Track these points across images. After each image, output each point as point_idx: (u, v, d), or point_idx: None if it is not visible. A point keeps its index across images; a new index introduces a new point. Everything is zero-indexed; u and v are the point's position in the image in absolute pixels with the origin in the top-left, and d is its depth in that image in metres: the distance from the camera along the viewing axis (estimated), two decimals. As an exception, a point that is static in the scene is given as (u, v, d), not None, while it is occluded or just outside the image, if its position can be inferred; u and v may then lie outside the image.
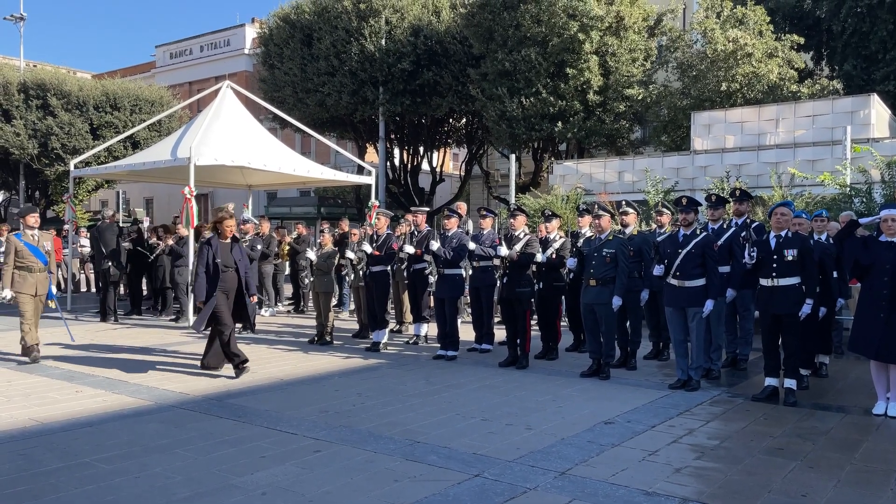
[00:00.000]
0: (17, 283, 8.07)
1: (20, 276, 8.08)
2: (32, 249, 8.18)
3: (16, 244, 8.14)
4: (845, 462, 4.66)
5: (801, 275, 6.38)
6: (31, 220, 8.35)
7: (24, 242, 8.18)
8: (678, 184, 14.01)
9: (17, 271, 8.08)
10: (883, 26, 17.27)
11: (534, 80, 19.08)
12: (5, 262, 8.18)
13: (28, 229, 8.30)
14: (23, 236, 8.22)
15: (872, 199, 10.54)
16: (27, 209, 8.57)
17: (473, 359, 8.63)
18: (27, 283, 8.11)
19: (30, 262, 8.14)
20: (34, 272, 8.16)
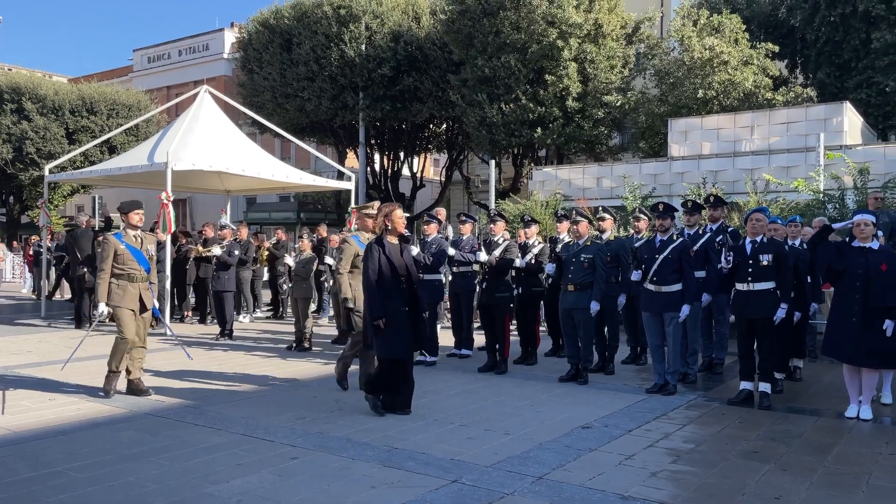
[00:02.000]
0: (116, 295, 6.57)
1: (119, 288, 6.57)
2: (135, 254, 6.69)
3: (116, 247, 6.61)
4: (818, 465, 4.72)
5: (776, 279, 6.47)
6: (134, 217, 6.80)
7: (126, 245, 6.66)
8: (656, 190, 14.14)
9: (116, 281, 6.59)
10: (855, 35, 17.59)
11: (513, 86, 19.18)
12: (101, 268, 6.65)
13: (130, 229, 6.79)
14: (124, 237, 6.71)
15: (845, 205, 10.72)
16: (131, 204, 6.88)
17: (453, 364, 8.62)
18: (128, 295, 6.59)
19: (131, 270, 6.63)
20: (136, 282, 6.66)
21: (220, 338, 10.66)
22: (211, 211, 22.38)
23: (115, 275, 6.61)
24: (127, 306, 6.59)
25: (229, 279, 11.03)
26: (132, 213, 6.83)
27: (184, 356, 8.25)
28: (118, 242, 6.66)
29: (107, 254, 6.63)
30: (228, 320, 10.82)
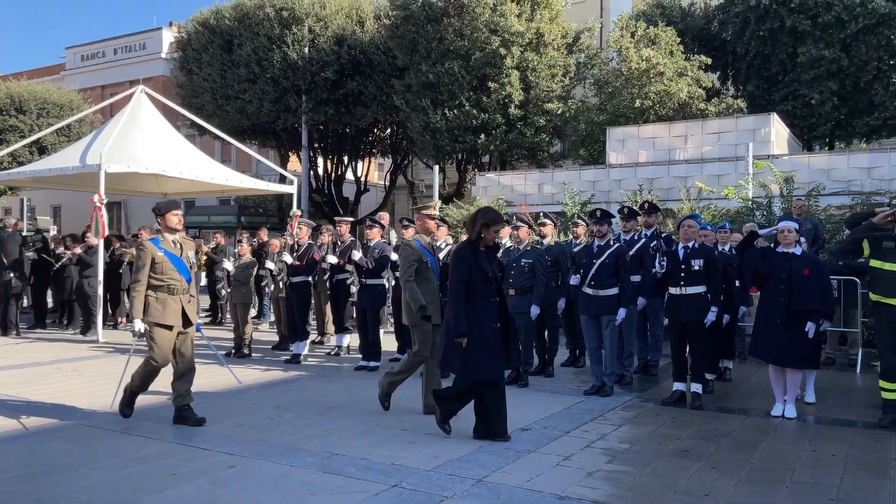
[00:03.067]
0: (154, 310, 5.68)
1: (157, 301, 5.70)
2: (175, 262, 5.81)
3: (153, 254, 5.74)
4: (745, 462, 4.92)
5: (707, 284, 6.71)
6: (172, 219, 5.90)
7: (165, 251, 5.78)
8: (594, 196, 14.46)
9: (154, 294, 5.72)
10: (783, 49, 18.40)
11: (457, 92, 19.33)
12: (136, 279, 5.76)
13: (168, 233, 5.91)
14: (162, 243, 5.81)
15: (772, 212, 11.19)
16: (168, 204, 5.98)
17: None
18: (168, 310, 5.71)
19: (171, 280, 5.75)
20: (177, 294, 5.78)
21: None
22: (147, 214, 21.78)
23: (153, 287, 5.70)
24: (167, 323, 5.68)
25: (166, 284, 10.74)
26: (170, 213, 5.89)
27: (113, 364, 7.99)
28: (156, 249, 5.75)
29: (143, 262, 5.72)
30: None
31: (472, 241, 5.44)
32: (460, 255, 5.35)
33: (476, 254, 5.33)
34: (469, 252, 5.33)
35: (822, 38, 17.67)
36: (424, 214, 6.48)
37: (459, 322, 5.19)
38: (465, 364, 5.26)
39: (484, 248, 5.40)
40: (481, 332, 5.25)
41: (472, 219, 5.50)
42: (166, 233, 5.91)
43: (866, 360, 8.59)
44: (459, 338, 5.18)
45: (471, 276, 5.26)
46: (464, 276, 5.24)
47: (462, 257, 5.32)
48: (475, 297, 5.25)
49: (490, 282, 5.33)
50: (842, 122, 18.36)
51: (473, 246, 5.39)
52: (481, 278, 5.27)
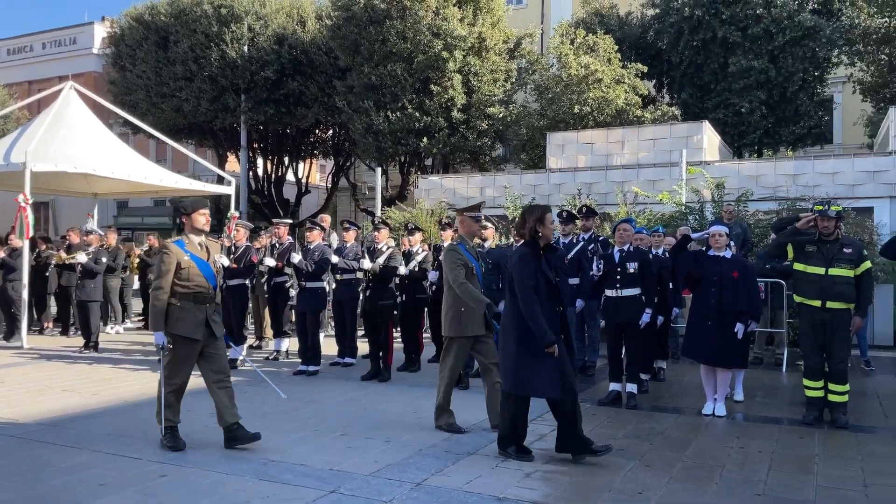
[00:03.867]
0: (178, 321, 5.09)
1: (181, 311, 5.11)
2: (202, 267, 5.23)
3: (179, 258, 5.15)
4: (677, 460, 5.06)
5: (641, 286, 6.89)
6: (199, 219, 5.31)
7: (191, 255, 5.21)
8: (535, 200, 14.62)
9: (177, 302, 5.12)
10: (715, 59, 19.03)
11: (400, 95, 19.28)
12: (157, 286, 5.12)
13: (194, 234, 5.33)
14: (188, 245, 5.24)
15: (704, 217, 11.56)
16: (194, 203, 5.39)
17: (336, 373, 8.53)
18: (193, 321, 5.13)
19: (197, 288, 5.17)
20: (203, 303, 5.21)
21: (85, 350, 10.00)
22: (76, 215, 20.92)
23: (177, 294, 5.11)
24: (192, 336, 5.11)
25: (95, 288, 10.37)
26: (197, 213, 5.29)
27: (38, 371, 7.66)
28: (182, 253, 5.14)
29: (167, 267, 5.09)
30: (94, 332, 10.17)
31: (531, 244, 4.95)
32: (525, 261, 4.87)
33: (539, 257, 4.93)
34: (533, 256, 4.89)
35: (751, 49, 18.36)
36: (470, 216, 5.94)
37: (546, 330, 4.70)
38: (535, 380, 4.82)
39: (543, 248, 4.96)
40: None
41: (522, 219, 5.04)
42: (192, 234, 5.29)
43: (792, 360, 8.95)
44: (549, 348, 4.70)
45: (538, 282, 4.81)
46: (531, 283, 4.79)
47: (527, 262, 4.86)
48: (543, 307, 4.81)
49: (554, 289, 4.95)
50: (770, 130, 19.12)
51: (535, 248, 4.94)
52: (546, 285, 4.87)
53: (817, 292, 6.05)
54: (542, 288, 4.84)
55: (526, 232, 4.99)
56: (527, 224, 4.98)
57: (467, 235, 5.95)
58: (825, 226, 6.10)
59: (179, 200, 27.51)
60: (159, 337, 5.10)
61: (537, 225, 4.92)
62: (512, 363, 4.90)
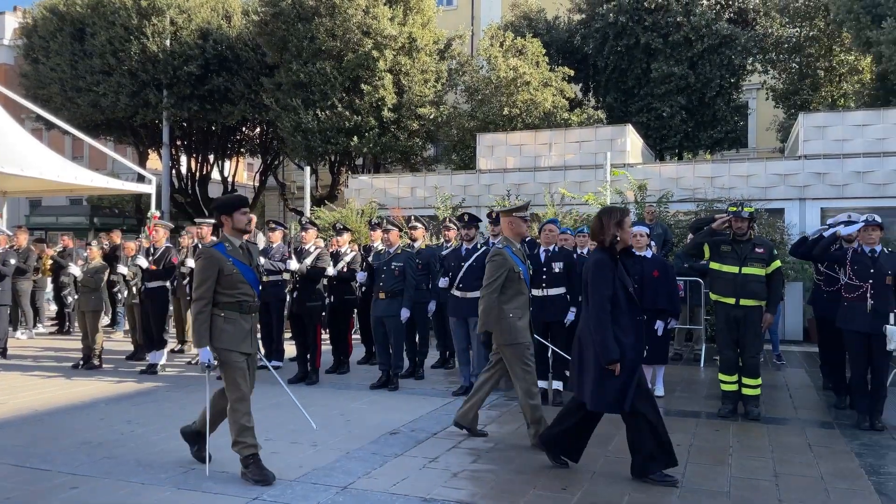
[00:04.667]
0: (224, 334, 4.54)
1: (227, 323, 4.55)
2: (246, 273, 4.66)
3: (222, 264, 4.55)
4: (600, 455, 5.17)
5: (566, 285, 7.02)
6: (241, 219, 4.69)
7: (234, 260, 4.61)
8: (465, 200, 14.73)
9: (221, 313, 4.55)
10: (638, 65, 19.62)
11: (329, 93, 19.06)
12: (200, 296, 4.53)
13: (235, 236, 4.70)
14: (229, 250, 4.62)
15: (628, 218, 11.86)
16: (232, 201, 4.76)
17: (262, 377, 8.24)
18: (240, 333, 4.60)
19: (243, 296, 4.62)
20: (249, 313, 4.69)
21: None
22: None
23: (221, 304, 4.54)
24: (241, 349, 4.59)
25: (4, 291, 9.80)
26: (238, 212, 4.66)
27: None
28: (223, 258, 4.54)
29: (207, 275, 4.51)
30: (2, 337, 9.62)
31: (607, 249, 4.62)
32: (601, 267, 4.55)
33: (617, 264, 4.62)
34: (610, 263, 4.57)
35: (672, 55, 19.02)
36: (518, 217, 5.57)
37: (609, 346, 4.40)
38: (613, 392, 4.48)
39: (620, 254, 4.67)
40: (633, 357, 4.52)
41: (599, 222, 4.67)
42: (232, 237, 4.67)
43: (709, 355, 9.31)
44: (611, 364, 4.41)
45: (615, 290, 4.51)
46: (608, 292, 4.48)
47: (603, 270, 4.54)
48: (618, 315, 4.50)
49: (633, 298, 4.64)
50: (689, 134, 19.84)
51: (612, 254, 4.61)
52: (625, 293, 4.56)
53: (732, 290, 6.30)
54: (622, 296, 4.54)
55: (605, 236, 4.62)
56: (605, 228, 4.61)
57: (514, 237, 5.61)
58: (739, 226, 6.37)
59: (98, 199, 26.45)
60: (205, 354, 4.47)
61: (616, 230, 4.58)
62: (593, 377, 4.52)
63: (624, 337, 4.47)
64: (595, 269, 4.57)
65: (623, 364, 4.43)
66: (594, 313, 4.52)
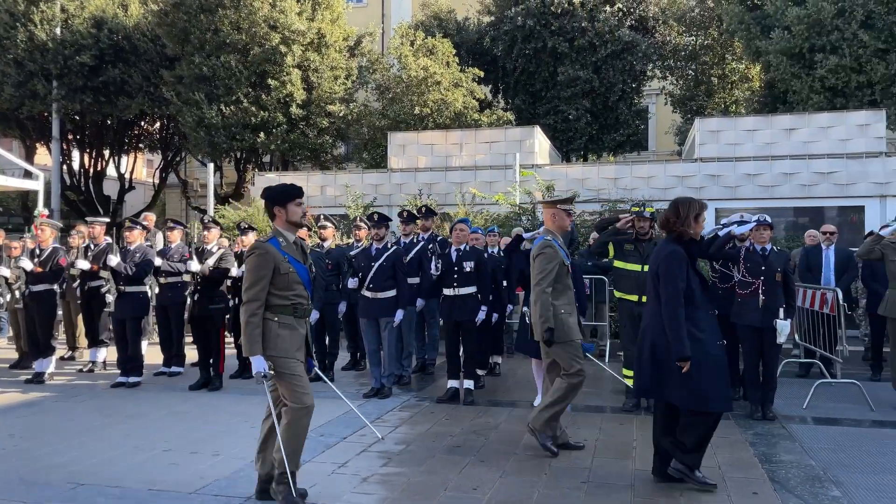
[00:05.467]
0: (280, 340, 4.08)
1: (283, 328, 4.11)
2: (301, 272, 4.23)
3: (278, 262, 4.10)
4: (510, 454, 5.20)
5: (477, 284, 7.05)
6: (296, 211, 4.24)
7: (289, 258, 4.17)
8: (377, 199, 14.61)
9: (275, 317, 4.11)
10: (545, 68, 20.04)
11: (234, 87, 18.42)
12: (253, 297, 4.05)
13: (289, 231, 4.25)
14: (283, 246, 4.17)
15: (536, 217, 12.11)
16: (290, 190, 4.24)
17: (161, 384, 7.94)
18: (297, 339, 4.17)
19: (297, 298, 4.19)
20: (303, 318, 4.26)
21: None
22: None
23: (274, 307, 4.10)
24: (294, 357, 4.12)
25: None
26: (292, 203, 4.20)
27: None
28: (279, 255, 4.10)
29: (262, 273, 4.05)
30: None
31: (682, 241, 4.47)
32: (676, 260, 4.36)
33: (693, 257, 4.47)
34: (686, 255, 4.40)
35: (577, 59, 19.54)
36: (563, 209, 5.35)
37: (684, 341, 4.24)
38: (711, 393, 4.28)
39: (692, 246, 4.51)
40: (713, 351, 4.35)
41: (677, 211, 4.47)
42: (286, 231, 4.22)
43: (613, 351, 9.59)
44: (681, 361, 4.24)
45: (689, 284, 4.36)
46: (683, 285, 4.32)
47: (679, 262, 4.35)
48: (693, 310, 4.34)
49: (709, 290, 4.52)
50: (594, 136, 20.45)
51: (687, 246, 4.46)
52: (701, 286, 4.42)
53: (635, 287, 6.50)
54: (697, 290, 4.40)
55: (685, 227, 4.45)
56: (685, 218, 4.44)
57: (558, 230, 5.39)
58: (641, 226, 6.58)
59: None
60: (259, 362, 3.97)
61: (693, 220, 4.45)
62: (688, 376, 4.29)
63: (699, 332, 4.32)
64: (669, 262, 4.36)
65: (707, 361, 4.28)
66: (668, 309, 4.32)
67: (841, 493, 4.35)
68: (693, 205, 4.51)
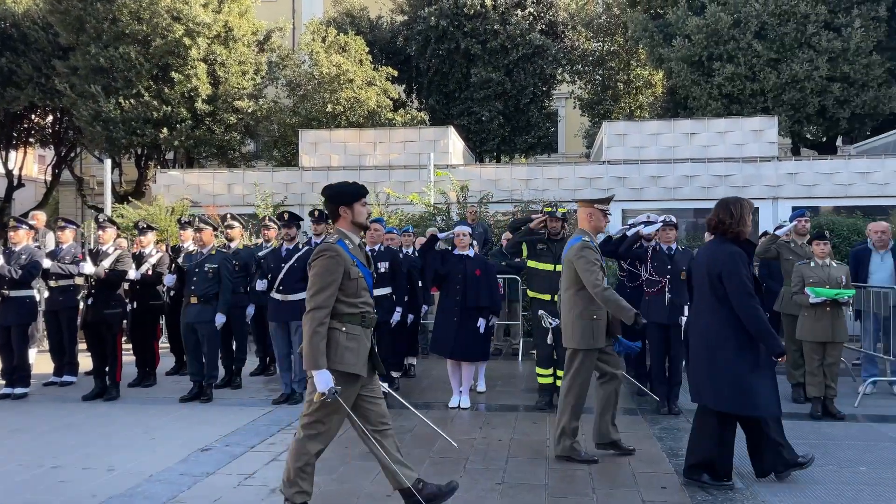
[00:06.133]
0: (345, 351, 3.72)
1: (350, 339, 3.74)
2: (367, 275, 3.93)
3: (348, 267, 3.74)
4: (425, 456, 5.12)
5: (392, 285, 6.93)
6: (362, 212, 3.92)
7: (357, 261, 3.83)
8: (288, 198, 14.23)
9: (341, 326, 3.74)
10: (458, 69, 20.14)
11: (134, 80, 17.53)
12: (319, 304, 3.66)
13: (354, 233, 3.94)
14: (351, 249, 3.83)
15: (451, 217, 12.10)
16: (357, 189, 3.95)
17: (51, 394, 7.40)
18: (363, 351, 3.81)
19: (365, 307, 3.86)
20: (370, 328, 3.92)
21: None
22: None
23: (342, 315, 3.75)
24: (360, 372, 3.78)
25: None
26: (359, 203, 3.91)
27: None
28: (349, 258, 3.77)
29: (333, 278, 3.69)
30: None
31: (739, 241, 4.41)
32: (740, 259, 4.31)
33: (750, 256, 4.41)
34: (745, 254, 4.36)
35: (490, 62, 19.73)
36: (601, 209, 5.21)
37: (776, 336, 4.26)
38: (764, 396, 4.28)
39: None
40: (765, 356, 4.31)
41: (730, 212, 4.42)
42: (351, 233, 3.90)
43: (526, 349, 9.69)
44: (780, 357, 4.24)
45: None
46: (752, 285, 4.28)
47: (742, 261, 4.31)
48: None
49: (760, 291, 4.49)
50: (506, 138, 20.72)
51: (744, 246, 4.41)
52: (755, 287, 4.38)
53: (547, 287, 6.56)
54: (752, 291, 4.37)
55: (740, 227, 4.40)
56: (740, 218, 4.39)
57: (593, 231, 5.24)
58: (553, 226, 6.66)
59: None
60: (326, 379, 3.58)
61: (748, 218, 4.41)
62: (732, 379, 4.27)
63: None
64: (734, 262, 4.30)
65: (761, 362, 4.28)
66: (747, 311, 4.25)
67: (744, 485, 4.51)
68: (744, 204, 4.47)
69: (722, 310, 4.33)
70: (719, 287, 4.32)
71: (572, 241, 5.17)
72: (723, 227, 4.45)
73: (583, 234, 5.15)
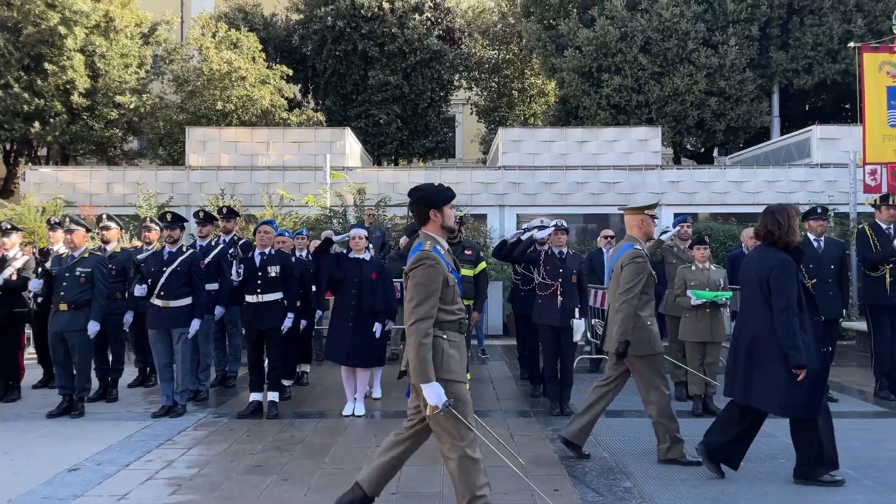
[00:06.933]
0: (450, 360, 3.57)
1: (452, 347, 3.61)
2: (458, 280, 3.80)
3: (446, 274, 3.60)
4: (316, 468, 4.93)
5: (284, 290, 6.67)
6: (451, 214, 3.82)
7: (450, 266, 3.68)
8: (173, 199, 13.53)
9: (443, 335, 3.58)
10: (356, 71, 19.91)
11: (3, 70, 16.20)
12: (424, 314, 3.49)
13: (443, 236, 3.79)
14: (443, 254, 3.68)
15: (347, 220, 11.89)
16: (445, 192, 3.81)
17: None
18: (463, 358, 3.69)
19: (460, 312, 3.71)
20: (464, 334, 3.76)
21: None
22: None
23: (443, 324, 3.60)
24: (464, 380, 3.67)
25: None
26: (448, 206, 3.78)
27: None
28: (446, 266, 3.62)
29: (435, 287, 3.54)
30: None
31: (794, 250, 4.45)
32: (789, 268, 4.35)
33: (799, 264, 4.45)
34: (794, 263, 4.39)
35: (388, 65, 19.64)
36: (649, 215, 5.08)
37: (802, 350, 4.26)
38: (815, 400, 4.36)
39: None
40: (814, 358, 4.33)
41: (778, 221, 4.46)
42: (441, 237, 3.76)
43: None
44: (799, 369, 4.25)
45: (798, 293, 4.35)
46: (795, 293, 4.33)
47: (792, 271, 4.35)
48: (801, 317, 4.35)
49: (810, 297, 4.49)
50: (404, 142, 20.69)
51: (794, 254, 4.44)
52: (806, 295, 4.41)
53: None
54: (803, 297, 4.40)
55: (790, 236, 4.45)
56: (788, 227, 4.44)
57: (643, 237, 5.11)
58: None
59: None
60: (438, 392, 3.44)
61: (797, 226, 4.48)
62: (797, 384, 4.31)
63: (805, 337, 4.36)
64: (783, 270, 4.37)
65: (811, 368, 4.30)
66: (784, 318, 4.32)
67: (632, 484, 4.62)
68: (791, 212, 4.54)
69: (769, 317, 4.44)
70: (768, 292, 4.44)
71: (624, 247, 5.10)
72: (772, 237, 4.55)
73: (634, 241, 5.08)
